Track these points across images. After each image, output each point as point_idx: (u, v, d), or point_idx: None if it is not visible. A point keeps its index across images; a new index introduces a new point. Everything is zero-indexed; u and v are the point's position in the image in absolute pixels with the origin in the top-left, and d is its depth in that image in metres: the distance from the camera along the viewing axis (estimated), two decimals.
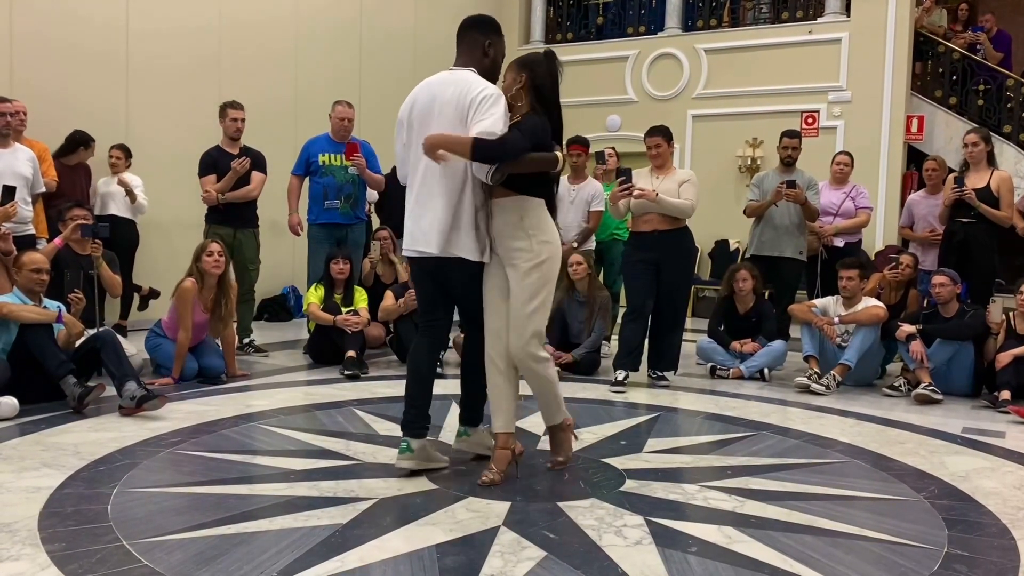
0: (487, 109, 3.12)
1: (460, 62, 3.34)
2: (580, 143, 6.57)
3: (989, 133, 6.28)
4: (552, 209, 3.32)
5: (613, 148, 7.56)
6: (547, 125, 3.22)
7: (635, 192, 5.13)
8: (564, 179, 6.50)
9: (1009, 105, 9.61)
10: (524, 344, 3.20)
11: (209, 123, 6.40)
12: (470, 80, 3.21)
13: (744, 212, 6.47)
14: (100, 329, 4.78)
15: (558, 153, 3.26)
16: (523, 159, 3.12)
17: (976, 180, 5.90)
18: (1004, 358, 5.11)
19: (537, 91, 3.24)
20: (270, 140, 6.94)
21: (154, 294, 6.98)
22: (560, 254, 3.33)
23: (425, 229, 3.22)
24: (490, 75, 3.32)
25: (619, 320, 5.84)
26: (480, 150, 3.06)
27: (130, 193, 6.57)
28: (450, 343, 5.92)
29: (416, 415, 3.33)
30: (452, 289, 3.36)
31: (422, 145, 3.14)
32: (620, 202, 5.30)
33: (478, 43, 3.32)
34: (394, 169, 7.84)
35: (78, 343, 4.55)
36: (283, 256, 8.11)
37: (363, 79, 9.39)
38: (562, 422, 3.44)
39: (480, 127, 3.07)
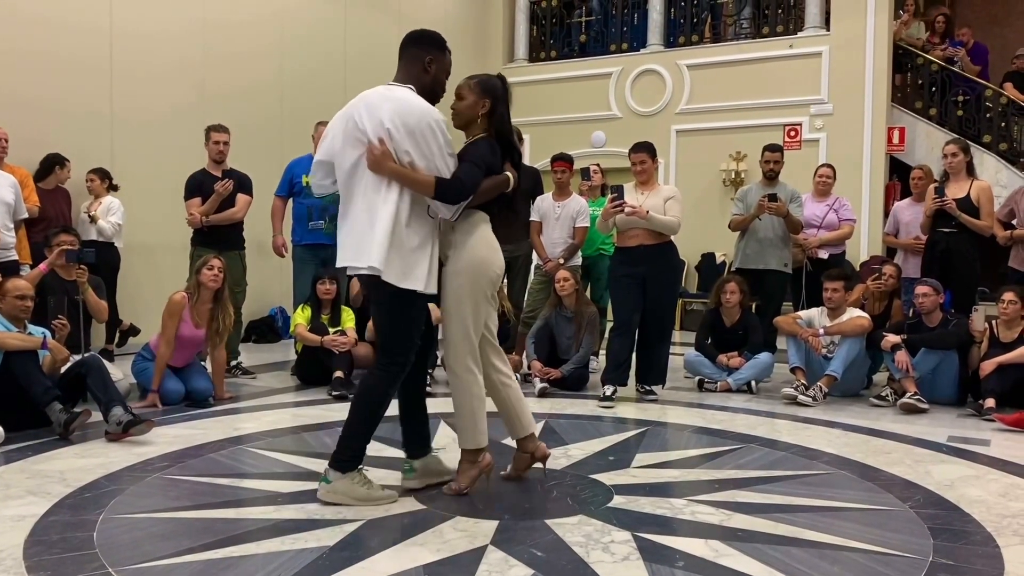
0: (436, 141, 3.09)
1: (399, 77, 3.26)
2: (564, 160, 6.62)
3: (968, 144, 6.35)
4: (505, 222, 3.39)
5: (598, 164, 7.61)
6: (497, 148, 3.25)
7: (627, 209, 5.16)
8: (549, 196, 6.54)
9: (988, 115, 9.74)
10: (451, 357, 3.26)
11: (194, 146, 6.41)
12: (409, 100, 3.13)
13: (729, 226, 6.51)
14: (86, 355, 4.76)
15: (508, 174, 3.27)
16: (480, 190, 3.16)
17: (956, 190, 5.96)
18: (988, 366, 5.15)
19: (498, 117, 3.28)
20: (256, 162, 6.95)
21: (134, 331, 6.95)
22: (488, 272, 3.26)
23: (362, 243, 3.08)
24: (430, 92, 3.24)
25: (607, 335, 5.86)
26: (443, 191, 3.07)
27: (92, 219, 6.57)
28: (438, 360, 5.93)
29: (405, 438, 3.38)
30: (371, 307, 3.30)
31: (365, 158, 3.08)
32: (601, 220, 5.35)
33: (419, 59, 3.24)
34: None
35: (63, 369, 4.53)
36: (270, 277, 8.11)
37: (348, 99, 9.40)
38: (471, 451, 3.34)
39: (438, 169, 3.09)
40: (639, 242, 5.33)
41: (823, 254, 6.55)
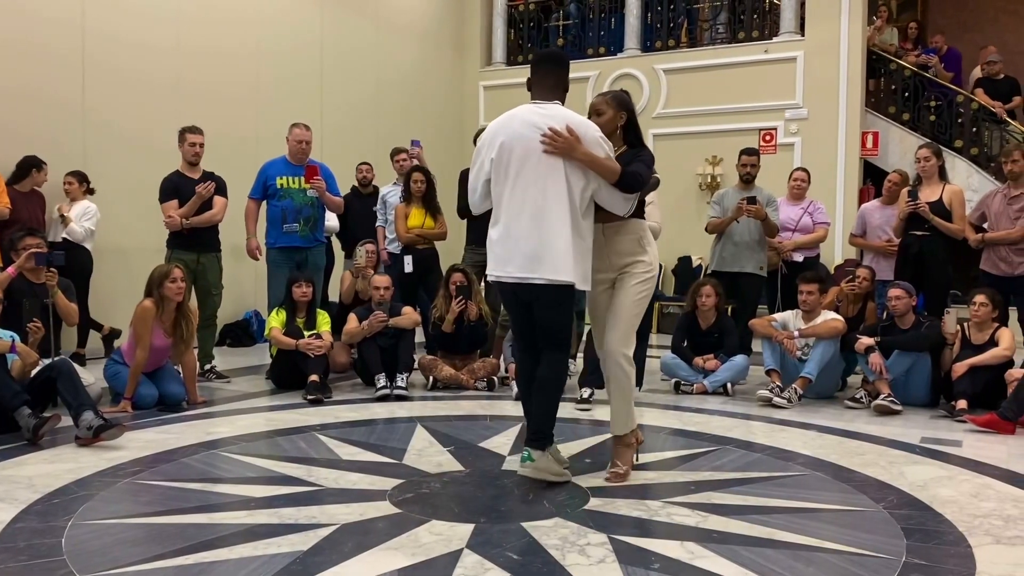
0: (602, 150, 3.41)
1: (544, 96, 3.51)
2: None
3: (940, 148, 6.42)
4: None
5: None
6: (652, 156, 3.67)
7: None
8: None
9: (960, 120, 9.87)
10: (621, 344, 3.52)
11: (168, 147, 6.34)
12: (571, 114, 3.44)
13: (706, 229, 6.54)
14: (56, 358, 4.69)
15: (657, 176, 3.72)
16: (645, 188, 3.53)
17: (929, 194, 6.02)
18: (960, 368, 5.21)
19: (633, 128, 3.68)
20: (231, 164, 6.89)
21: (115, 333, 6.87)
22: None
23: (542, 255, 3.36)
24: None
25: (584, 338, 5.86)
26: (627, 178, 3.39)
27: (64, 219, 6.49)
28: (415, 363, 5.92)
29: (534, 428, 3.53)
30: (538, 310, 3.49)
31: (543, 140, 3.34)
32: None
33: (563, 80, 3.56)
34: (353, 190, 7.82)
35: (33, 373, 4.46)
36: (245, 281, 8.05)
37: (324, 102, 9.38)
38: (626, 435, 3.65)
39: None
40: None
41: (798, 257, 6.59)
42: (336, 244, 7.57)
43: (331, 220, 7.31)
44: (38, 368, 4.48)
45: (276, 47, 8.89)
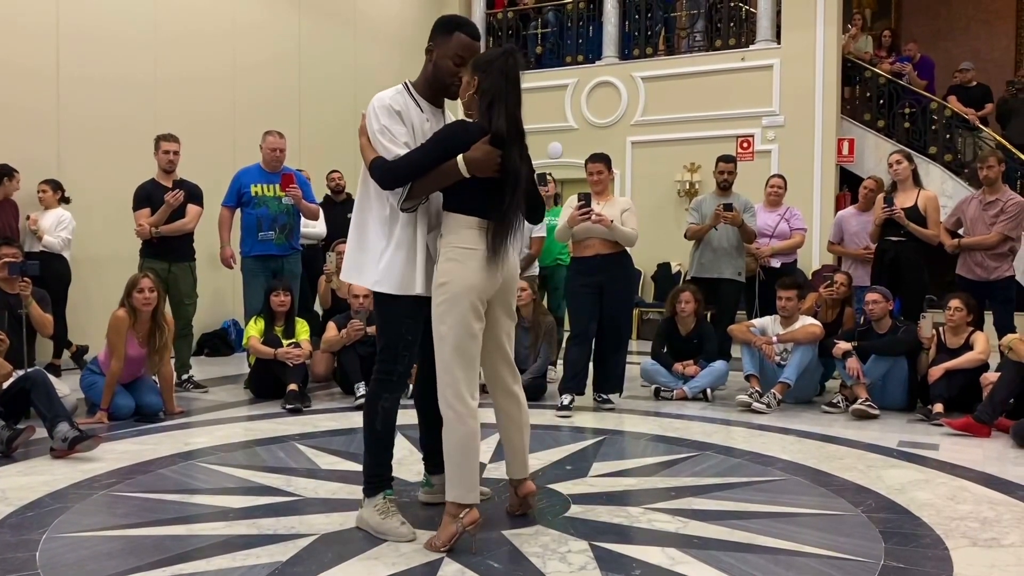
0: (371, 126, 2.90)
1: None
2: None
3: (911, 153, 6.51)
4: (505, 231, 2.85)
5: (550, 174, 7.58)
6: (469, 130, 2.84)
7: (593, 217, 5.15)
8: None
9: (934, 127, 9.98)
10: (445, 387, 2.83)
11: (143, 155, 6.29)
12: (377, 95, 2.97)
13: (685, 235, 6.57)
14: (29, 369, 4.63)
15: (458, 158, 2.77)
16: (426, 177, 2.81)
17: (904, 200, 6.09)
18: (936, 372, 5.26)
19: (484, 94, 2.84)
20: (208, 172, 6.84)
21: (83, 350, 6.79)
22: (471, 277, 2.81)
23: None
24: (437, 82, 3.00)
25: (564, 344, 5.87)
26: (374, 171, 2.84)
27: (35, 232, 6.42)
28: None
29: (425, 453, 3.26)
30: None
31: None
32: (564, 227, 5.34)
33: (428, 50, 3.01)
34: (326, 198, 7.80)
35: (6, 384, 4.39)
36: (223, 289, 7.99)
37: (302, 108, 9.34)
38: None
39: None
40: (595, 252, 5.35)
41: (775, 263, 6.64)
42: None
43: (319, 227, 7.29)
44: (11, 379, 4.42)
45: (253, 54, 8.84)
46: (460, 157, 2.78)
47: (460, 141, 2.81)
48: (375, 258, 2.92)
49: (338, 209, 7.57)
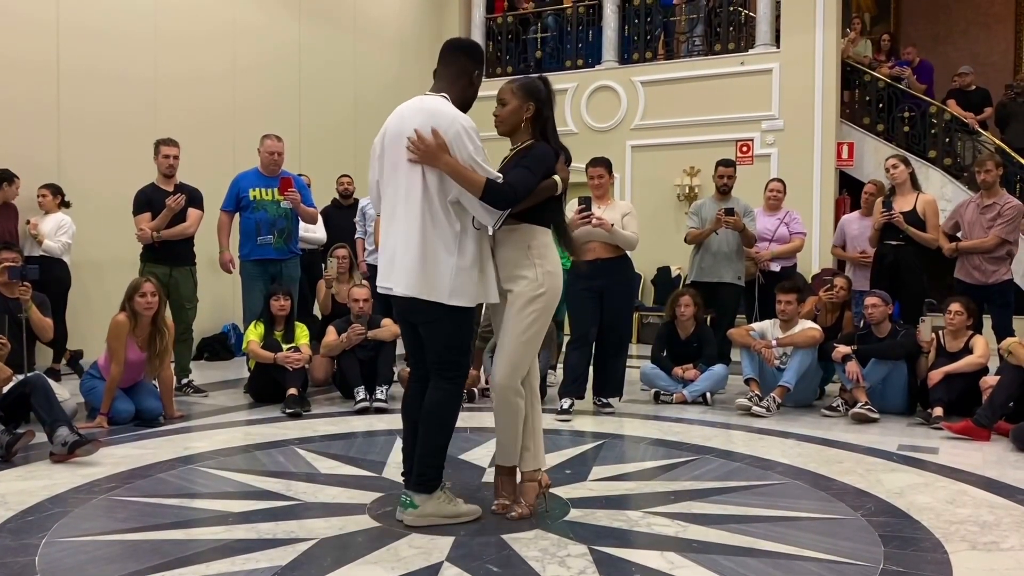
0: (465, 149, 2.96)
1: (438, 87, 3.15)
2: None
3: (907, 156, 6.51)
4: (563, 233, 3.29)
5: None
6: (552, 152, 3.15)
7: (593, 221, 5.14)
8: None
9: (933, 131, 9.99)
10: (508, 377, 3.10)
11: (143, 158, 6.29)
12: (439, 109, 3.02)
13: (685, 240, 6.57)
14: (29, 374, 4.63)
15: (556, 178, 3.13)
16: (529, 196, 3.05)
17: (903, 204, 6.10)
18: (935, 376, 5.26)
19: (543, 120, 3.18)
20: (207, 172, 6.85)
21: (78, 354, 6.78)
22: (560, 287, 3.18)
23: (396, 264, 3.04)
24: (466, 105, 3.16)
25: (564, 348, 5.87)
26: (491, 194, 2.94)
27: (35, 237, 6.43)
28: (395, 376, 5.89)
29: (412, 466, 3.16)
30: (421, 328, 3.13)
31: (406, 147, 2.99)
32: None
33: (467, 72, 3.15)
34: (333, 202, 7.80)
35: (6, 389, 4.40)
36: (223, 294, 7.98)
37: (303, 114, 9.36)
38: (531, 471, 3.25)
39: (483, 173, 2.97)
40: (596, 256, 5.34)
41: (775, 267, 6.65)
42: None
43: (318, 232, 7.30)
44: (11, 384, 4.42)
45: (254, 58, 8.85)
46: (557, 177, 3.14)
47: (552, 162, 3.15)
48: (448, 273, 3.00)
49: (344, 214, 7.56)
